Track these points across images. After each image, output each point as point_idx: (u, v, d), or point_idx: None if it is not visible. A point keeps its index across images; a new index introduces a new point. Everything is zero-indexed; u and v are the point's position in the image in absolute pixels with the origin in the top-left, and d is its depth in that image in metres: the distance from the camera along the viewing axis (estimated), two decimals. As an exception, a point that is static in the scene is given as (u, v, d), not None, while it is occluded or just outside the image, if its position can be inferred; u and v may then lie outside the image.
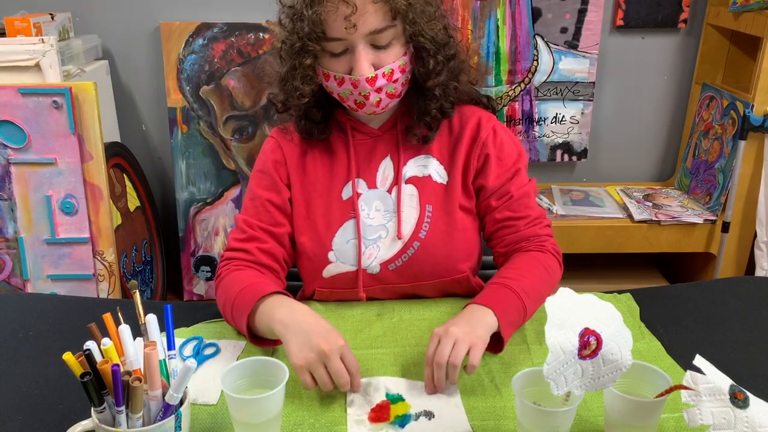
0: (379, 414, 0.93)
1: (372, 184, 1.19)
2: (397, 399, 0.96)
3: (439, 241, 1.17)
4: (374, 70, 1.05)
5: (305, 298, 1.25)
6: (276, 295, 1.05)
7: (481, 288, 1.23)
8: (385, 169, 1.19)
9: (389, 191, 1.18)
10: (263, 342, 1.06)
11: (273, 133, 1.23)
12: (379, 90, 1.07)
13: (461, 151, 1.18)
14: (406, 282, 1.19)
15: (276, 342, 1.06)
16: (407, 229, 1.17)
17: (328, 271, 1.18)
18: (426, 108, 1.14)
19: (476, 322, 1.00)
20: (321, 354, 0.92)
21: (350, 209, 1.18)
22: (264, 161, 1.21)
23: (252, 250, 1.16)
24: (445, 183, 1.18)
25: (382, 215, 1.18)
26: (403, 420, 0.92)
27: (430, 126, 1.17)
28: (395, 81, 1.08)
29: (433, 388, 0.97)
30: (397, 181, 1.18)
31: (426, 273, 1.18)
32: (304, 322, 0.97)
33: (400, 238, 1.16)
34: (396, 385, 0.99)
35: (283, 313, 1.00)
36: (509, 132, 1.23)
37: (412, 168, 1.19)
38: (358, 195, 1.18)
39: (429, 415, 0.93)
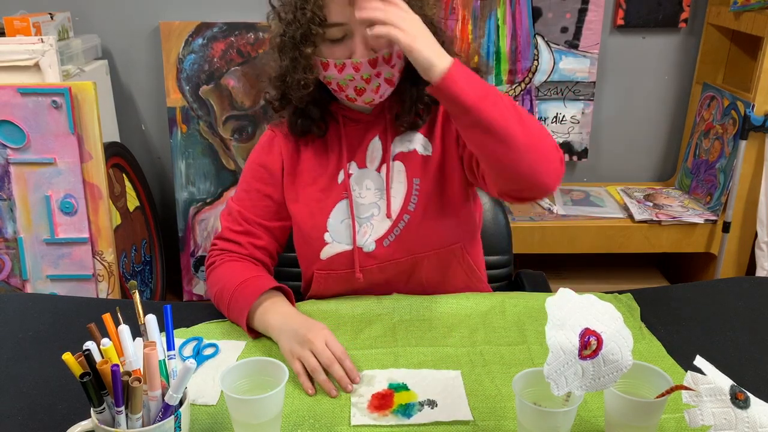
0: (381, 401, 0.94)
1: (362, 164, 1.21)
2: (401, 387, 0.97)
3: (428, 212, 1.19)
4: (374, 53, 1.07)
5: (306, 282, 1.30)
6: (271, 298, 1.13)
7: (478, 267, 1.28)
8: (374, 149, 1.21)
9: (378, 170, 1.21)
10: (258, 334, 1.14)
11: (269, 127, 1.28)
12: (378, 74, 1.09)
13: (439, 120, 1.21)
14: (402, 256, 1.20)
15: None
16: (396, 205, 1.19)
17: (326, 253, 1.21)
18: (419, 95, 1.16)
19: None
20: (306, 341, 1.02)
21: (343, 190, 1.21)
22: (260, 153, 1.26)
23: (245, 244, 1.24)
24: (429, 155, 1.20)
25: (373, 193, 1.20)
26: (407, 409, 0.92)
27: (419, 113, 1.19)
28: (393, 66, 1.09)
29: None
30: (385, 159, 1.20)
31: (419, 245, 1.20)
32: (293, 322, 1.07)
33: (389, 217, 1.19)
34: (398, 374, 1.01)
35: (276, 319, 1.10)
36: None
37: (399, 145, 1.21)
38: (350, 175, 1.21)
39: (432, 404, 0.94)
